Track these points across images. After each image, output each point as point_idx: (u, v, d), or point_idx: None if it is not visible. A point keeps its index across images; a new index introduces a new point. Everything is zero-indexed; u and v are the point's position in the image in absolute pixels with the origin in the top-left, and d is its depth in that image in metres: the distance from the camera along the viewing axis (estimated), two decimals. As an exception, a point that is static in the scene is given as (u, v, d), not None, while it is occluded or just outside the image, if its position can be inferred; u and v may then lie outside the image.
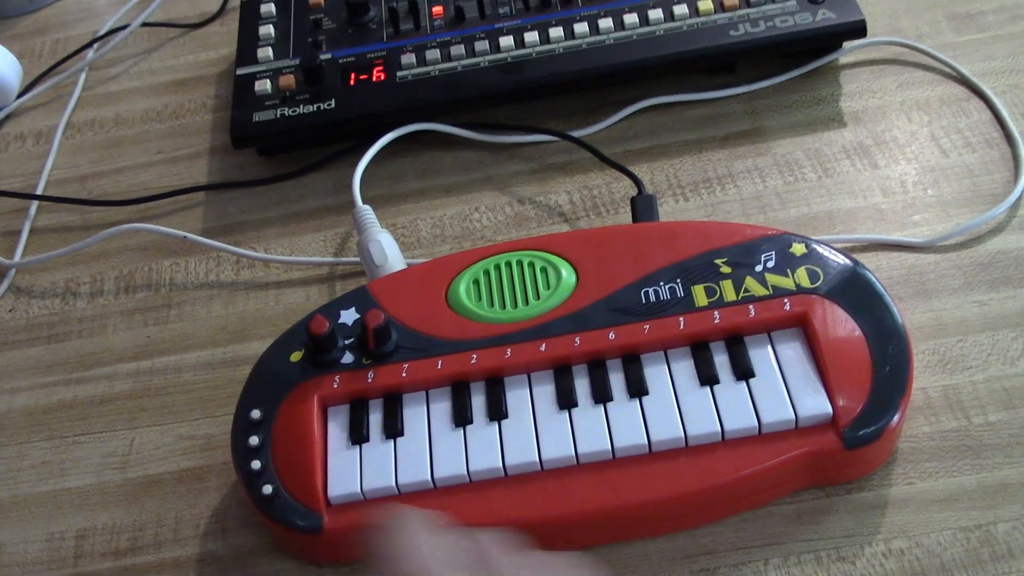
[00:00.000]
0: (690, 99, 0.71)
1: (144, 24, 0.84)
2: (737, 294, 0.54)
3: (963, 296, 0.58)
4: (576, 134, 0.69)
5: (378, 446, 0.52)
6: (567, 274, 0.56)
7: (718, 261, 0.55)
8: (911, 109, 0.68)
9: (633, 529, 0.51)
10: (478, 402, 0.53)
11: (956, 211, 0.62)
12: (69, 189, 0.74)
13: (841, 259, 0.55)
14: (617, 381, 0.52)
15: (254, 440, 0.52)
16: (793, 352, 0.52)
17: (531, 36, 0.70)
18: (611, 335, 0.53)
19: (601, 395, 0.52)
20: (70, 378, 0.63)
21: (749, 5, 0.69)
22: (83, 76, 0.83)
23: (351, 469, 0.51)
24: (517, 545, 0.39)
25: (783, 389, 0.51)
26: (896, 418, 0.50)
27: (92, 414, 0.61)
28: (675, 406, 0.51)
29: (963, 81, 0.69)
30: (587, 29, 0.70)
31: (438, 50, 0.71)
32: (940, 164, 0.65)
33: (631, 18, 0.69)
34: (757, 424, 0.50)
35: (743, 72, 0.72)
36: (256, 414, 0.53)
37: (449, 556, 0.38)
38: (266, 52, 0.74)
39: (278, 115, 0.69)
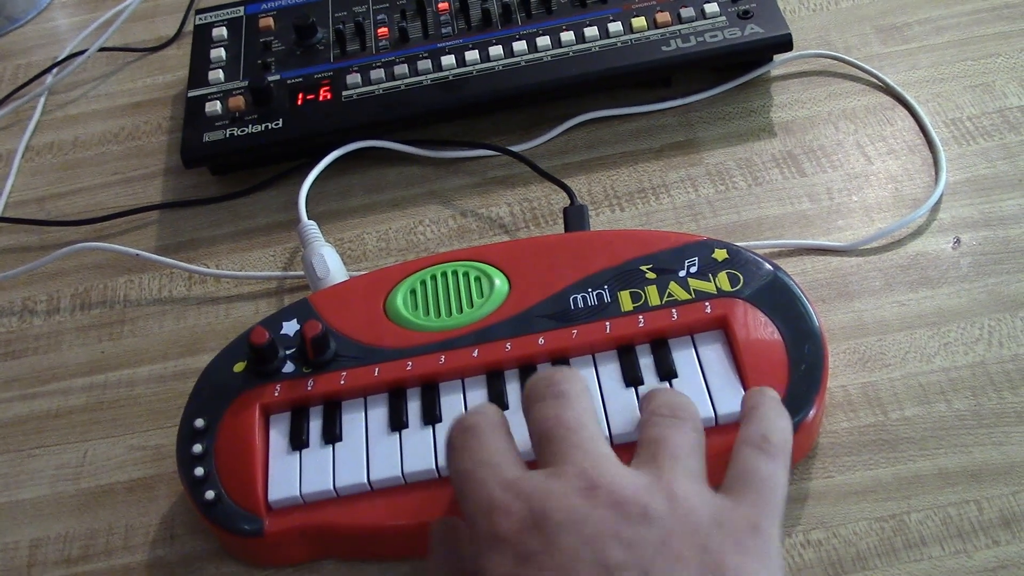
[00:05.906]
0: (626, 112, 0.73)
1: (102, 49, 0.87)
2: (661, 299, 0.56)
3: (883, 297, 0.61)
4: (517, 148, 0.72)
5: (317, 451, 0.54)
6: (500, 283, 0.58)
7: (644, 268, 0.57)
8: (838, 119, 0.71)
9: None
10: (413, 407, 0.55)
11: (879, 215, 0.65)
12: (27, 210, 0.76)
13: (761, 264, 0.57)
14: (547, 384, 0.54)
15: (198, 448, 0.54)
16: (714, 353, 0.54)
17: (472, 55, 0.72)
18: (541, 340, 0.55)
19: (531, 398, 0.54)
20: (26, 393, 0.65)
21: (681, 21, 0.72)
22: (42, 100, 0.84)
23: (291, 474, 0.53)
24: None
25: (704, 388, 0.53)
26: (811, 414, 0.52)
27: (47, 428, 0.63)
28: (601, 407, 0.53)
29: (888, 91, 0.72)
30: (525, 47, 0.72)
31: (382, 70, 0.73)
32: (865, 171, 0.67)
33: (568, 36, 0.72)
34: (679, 423, 0.52)
35: (678, 86, 0.74)
36: (200, 423, 0.55)
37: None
38: (217, 74, 0.76)
39: (227, 135, 0.72)
